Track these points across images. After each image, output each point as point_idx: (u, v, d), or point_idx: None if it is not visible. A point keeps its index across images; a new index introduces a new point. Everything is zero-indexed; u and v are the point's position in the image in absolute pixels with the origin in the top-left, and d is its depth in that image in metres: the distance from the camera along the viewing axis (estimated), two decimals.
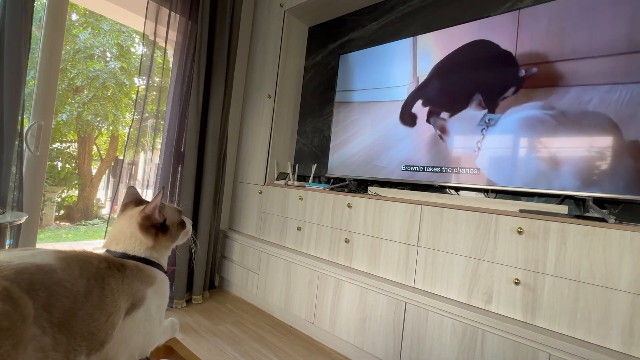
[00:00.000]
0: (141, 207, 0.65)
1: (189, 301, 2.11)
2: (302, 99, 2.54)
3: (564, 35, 1.33)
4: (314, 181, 2.23)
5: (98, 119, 5.36)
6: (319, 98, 2.41)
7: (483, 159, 1.49)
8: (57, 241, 4.52)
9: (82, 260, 0.49)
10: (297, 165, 2.39)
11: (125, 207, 0.69)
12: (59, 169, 5.72)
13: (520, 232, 1.19)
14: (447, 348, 1.28)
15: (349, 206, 1.73)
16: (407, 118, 1.76)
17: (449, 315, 1.28)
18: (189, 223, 0.78)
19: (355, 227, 1.70)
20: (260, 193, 2.26)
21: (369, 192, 1.81)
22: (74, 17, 5.16)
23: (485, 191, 1.56)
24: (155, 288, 0.62)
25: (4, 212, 1.35)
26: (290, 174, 2.20)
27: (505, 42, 1.48)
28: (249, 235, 2.31)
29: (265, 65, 2.41)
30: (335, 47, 2.37)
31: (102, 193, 6.78)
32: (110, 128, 5.53)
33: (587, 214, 1.23)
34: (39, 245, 3.83)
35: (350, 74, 2.06)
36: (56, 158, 5.65)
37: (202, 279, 2.16)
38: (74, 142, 5.89)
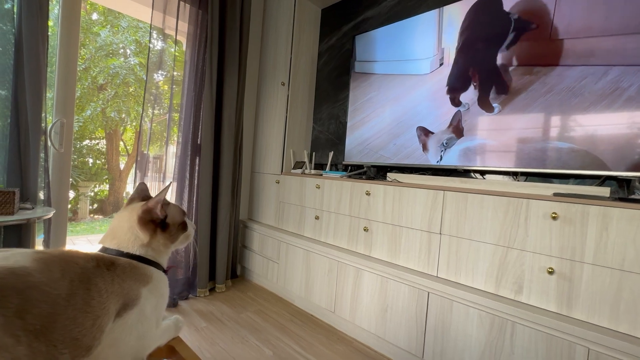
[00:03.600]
0: (144, 202, 0.64)
1: (212, 290, 2.16)
2: (316, 85, 2.47)
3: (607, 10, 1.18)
4: (331, 169, 2.18)
5: (122, 115, 5.54)
6: (334, 83, 2.33)
7: (511, 138, 1.38)
8: (91, 233, 4.78)
9: (64, 260, 0.46)
10: (313, 153, 2.35)
11: (131, 201, 0.67)
12: (90, 165, 6.01)
13: (554, 218, 1.10)
14: (474, 340, 1.22)
15: (367, 194, 1.67)
16: (436, 94, 1.65)
17: (475, 306, 1.22)
18: (191, 227, 0.75)
19: (374, 215, 1.64)
20: (278, 183, 2.25)
21: (388, 178, 1.74)
22: (94, 16, 5.29)
23: (515, 174, 1.45)
24: (151, 287, 0.59)
25: (33, 208, 1.41)
26: (307, 163, 2.17)
27: (542, 12, 1.34)
28: (267, 225, 2.31)
29: (278, 52, 2.35)
30: (350, 29, 2.26)
31: (131, 187, 7.09)
32: (134, 124, 5.70)
33: (632, 197, 1.11)
34: (73, 238, 4.05)
35: (371, 46, 1.95)
36: (87, 155, 5.92)
37: (225, 268, 2.19)
38: (102, 138, 6.14)
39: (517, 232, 1.18)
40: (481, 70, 1.48)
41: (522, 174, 1.42)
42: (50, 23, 1.71)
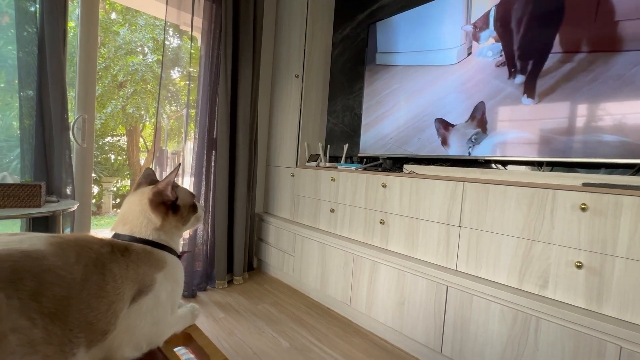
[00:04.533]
0: (154, 185, 0.63)
1: (230, 282, 2.20)
2: (330, 77, 2.43)
3: None
4: (346, 161, 2.15)
5: (142, 112, 5.68)
6: (349, 74, 2.29)
7: (536, 126, 1.31)
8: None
9: (79, 245, 0.46)
10: (328, 146, 2.33)
11: (138, 186, 0.67)
12: (112, 161, 6.21)
13: (584, 209, 1.04)
14: (495, 335, 1.18)
15: (384, 186, 1.64)
16: (464, 85, 1.56)
17: (497, 301, 1.18)
18: (201, 209, 0.74)
19: (390, 207, 1.61)
20: (293, 176, 2.24)
21: (404, 170, 1.70)
22: (113, 15, 5.41)
23: (539, 164, 1.38)
24: (166, 273, 0.58)
25: (58, 201, 1.46)
26: (322, 156, 2.15)
27: None
28: (283, 218, 2.32)
29: (292, 44, 2.33)
30: (364, 17, 2.21)
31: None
32: (152, 120, 5.84)
33: None
34: (97, 231, 4.22)
35: (392, 37, 1.87)
36: (109, 151, 6.12)
37: (242, 260, 2.22)
38: (123, 135, 6.33)
39: (543, 224, 1.13)
40: (516, 58, 1.38)
41: (548, 163, 1.35)
42: (72, 24, 1.76)
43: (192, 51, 2.07)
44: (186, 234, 2.07)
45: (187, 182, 2.09)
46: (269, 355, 1.41)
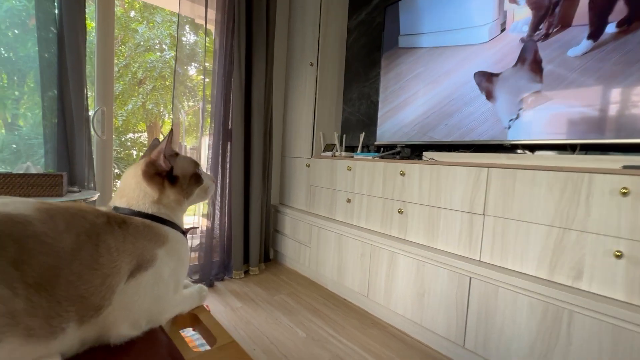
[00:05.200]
0: None
1: (246, 272, 2.21)
2: (346, 64, 2.37)
3: None
4: (362, 151, 2.10)
5: (161, 109, 5.80)
6: (364, 61, 2.22)
7: (573, 106, 1.21)
8: None
9: (71, 214, 0.43)
10: (344, 135, 2.28)
11: (142, 158, 0.63)
12: (134, 156, 6.40)
13: (625, 194, 0.95)
14: (523, 328, 1.11)
15: (402, 174, 1.58)
16: (498, 64, 1.46)
17: (525, 293, 1.11)
18: (208, 179, 0.67)
19: (409, 196, 1.55)
20: (308, 166, 2.21)
21: (424, 158, 1.63)
22: (132, 13, 5.53)
23: (572, 147, 1.28)
24: (168, 249, 0.54)
25: (80, 191, 1.50)
26: (337, 145, 2.10)
27: None
28: (299, 209, 2.30)
29: (306, 31, 2.28)
30: (380, 0, 2.13)
31: None
32: (171, 116, 5.96)
33: None
34: None
35: (416, 17, 1.76)
36: (131, 147, 6.31)
37: (258, 251, 2.23)
38: (144, 131, 6.50)
39: (577, 211, 1.04)
40: (554, 31, 1.25)
41: (583, 147, 1.25)
42: (93, 24, 1.79)
43: (206, 43, 2.06)
44: (203, 223, 2.09)
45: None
46: (285, 345, 1.40)
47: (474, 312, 1.25)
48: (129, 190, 0.57)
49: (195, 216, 2.17)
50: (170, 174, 0.59)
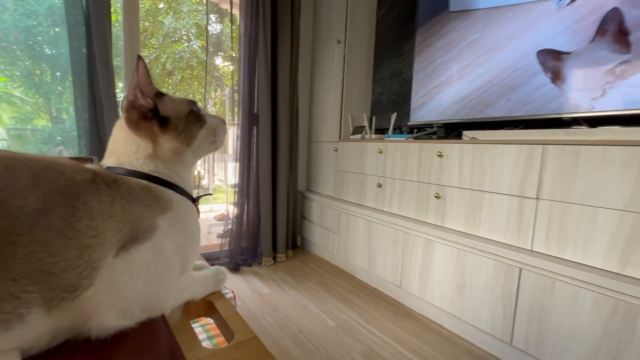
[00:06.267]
0: None
1: (274, 259, 2.18)
2: (376, 40, 2.21)
3: None
4: (394, 132, 1.96)
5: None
6: (397, 34, 2.05)
7: None
8: None
9: (42, 167, 0.33)
10: (373, 117, 2.15)
11: None
12: None
13: None
14: (585, 327, 0.97)
15: (440, 155, 1.44)
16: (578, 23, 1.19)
17: (590, 287, 0.96)
18: (213, 119, 0.53)
19: (447, 179, 1.42)
20: (336, 150, 2.12)
21: (464, 137, 1.48)
22: (161, 5, 5.61)
23: None
24: (173, 218, 0.43)
25: None
26: (367, 127, 1.98)
27: None
28: (326, 195, 2.22)
29: (332, 7, 2.15)
30: None
31: (200, 166, 7.70)
32: (203, 106, 6.07)
33: None
34: None
35: None
36: None
37: (285, 238, 2.19)
38: None
39: None
40: None
41: None
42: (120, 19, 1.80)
43: (232, 27, 1.99)
44: (230, 210, 2.07)
45: (231, 167, 2.08)
46: (314, 334, 1.35)
47: (525, 307, 1.11)
48: (119, 145, 0.46)
49: (224, 204, 2.17)
50: (159, 115, 0.46)
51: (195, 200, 0.51)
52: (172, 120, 0.47)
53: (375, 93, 2.22)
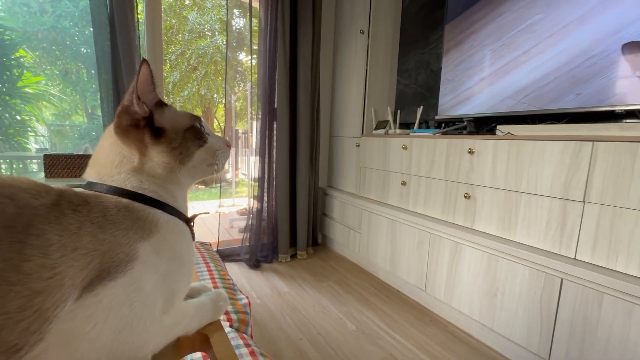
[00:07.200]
0: None
1: (293, 256, 2.16)
2: (401, 29, 2.10)
3: None
4: (420, 127, 1.86)
5: (214, 95, 6.01)
6: (424, 22, 1.93)
7: None
8: (196, 200, 5.41)
9: None
10: (398, 111, 2.05)
11: None
12: None
13: None
14: None
15: (470, 152, 1.34)
16: None
17: None
18: (216, 140, 0.47)
19: (479, 178, 1.31)
20: (358, 146, 2.04)
21: (498, 132, 1.36)
22: (187, 1, 5.71)
23: None
24: (157, 243, 0.37)
25: None
26: (391, 122, 1.89)
27: None
28: (348, 192, 2.16)
29: None
30: None
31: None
32: (223, 101, 6.15)
33: None
34: None
35: None
36: None
37: (305, 235, 2.15)
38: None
39: None
40: None
41: None
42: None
43: (252, 18, 1.96)
44: (250, 204, 2.06)
45: (252, 161, 2.07)
46: (333, 336, 1.30)
47: (566, 321, 1.01)
48: (102, 156, 0.40)
49: (247, 198, 2.16)
50: (153, 125, 0.40)
51: (189, 221, 0.45)
52: (167, 133, 0.41)
53: (400, 85, 2.11)
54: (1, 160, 2.12)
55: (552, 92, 1.22)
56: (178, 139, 0.42)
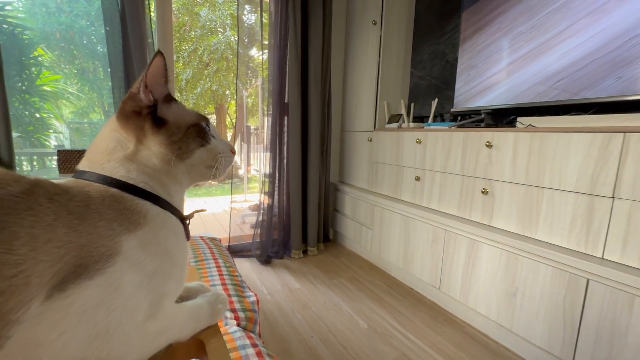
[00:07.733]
0: None
1: (305, 252, 2.14)
2: (415, 19, 2.03)
3: None
4: (434, 120, 1.80)
5: (225, 91, 6.04)
6: (439, 11, 1.86)
7: None
8: (208, 196, 5.47)
9: None
10: (412, 104, 1.99)
11: None
12: None
13: None
14: None
15: (488, 145, 1.28)
16: None
17: None
18: (220, 143, 0.45)
19: (497, 173, 1.25)
20: (370, 140, 2.00)
21: (518, 124, 1.29)
22: None
23: None
24: (145, 236, 0.34)
25: None
26: (404, 115, 1.84)
27: None
28: (360, 187, 2.12)
29: None
30: None
31: (238, 157, 7.91)
32: (235, 97, 6.18)
33: None
34: (194, 201, 4.69)
35: None
36: None
37: (316, 231, 2.13)
38: (213, 114, 6.90)
39: None
40: None
41: None
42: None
43: (262, 12, 1.93)
44: (261, 199, 2.05)
45: (263, 157, 2.05)
46: (344, 334, 1.28)
47: (592, 325, 0.95)
48: (98, 142, 0.38)
49: (258, 193, 2.15)
50: (155, 115, 0.39)
51: (183, 219, 0.42)
52: (169, 126, 0.40)
53: (414, 78, 2.05)
54: (22, 158, 2.19)
55: (588, 76, 1.12)
56: (179, 133, 0.40)
